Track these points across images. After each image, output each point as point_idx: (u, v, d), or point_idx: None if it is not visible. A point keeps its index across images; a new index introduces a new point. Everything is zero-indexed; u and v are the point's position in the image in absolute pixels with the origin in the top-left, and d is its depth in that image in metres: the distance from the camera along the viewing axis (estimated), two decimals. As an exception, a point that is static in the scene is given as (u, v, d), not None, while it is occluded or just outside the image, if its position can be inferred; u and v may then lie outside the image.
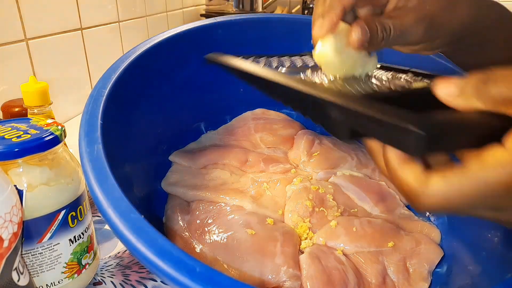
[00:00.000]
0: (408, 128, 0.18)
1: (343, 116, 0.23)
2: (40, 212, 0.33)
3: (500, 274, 0.33)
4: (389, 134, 0.20)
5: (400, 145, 0.20)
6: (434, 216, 0.47)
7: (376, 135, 0.22)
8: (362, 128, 0.22)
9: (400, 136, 0.19)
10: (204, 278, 0.22)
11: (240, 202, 0.44)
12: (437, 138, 0.19)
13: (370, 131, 0.22)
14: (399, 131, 0.19)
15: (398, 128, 0.19)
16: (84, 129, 0.32)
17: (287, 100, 0.29)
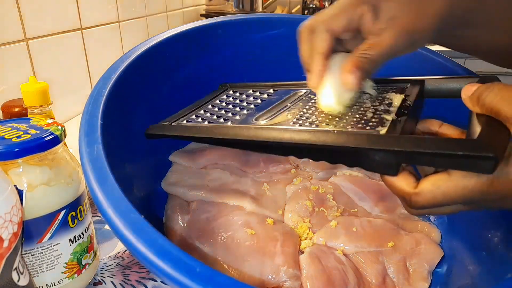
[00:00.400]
0: (482, 155, 0.22)
1: (392, 158, 0.26)
2: (40, 212, 0.33)
3: (500, 274, 0.33)
4: (455, 162, 0.24)
5: (470, 168, 0.24)
6: (434, 216, 0.47)
7: (435, 165, 0.25)
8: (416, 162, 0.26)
9: (471, 162, 0.23)
10: (204, 278, 0.22)
11: (240, 202, 0.44)
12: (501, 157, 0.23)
13: (428, 163, 0.25)
14: (470, 158, 0.23)
15: (468, 157, 0.23)
16: (84, 129, 0.32)
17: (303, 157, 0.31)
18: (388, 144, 0.25)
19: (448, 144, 0.24)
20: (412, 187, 0.26)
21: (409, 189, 0.26)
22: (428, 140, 0.24)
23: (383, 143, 0.25)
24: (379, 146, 0.25)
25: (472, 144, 0.23)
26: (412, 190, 0.26)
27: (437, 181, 0.25)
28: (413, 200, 0.26)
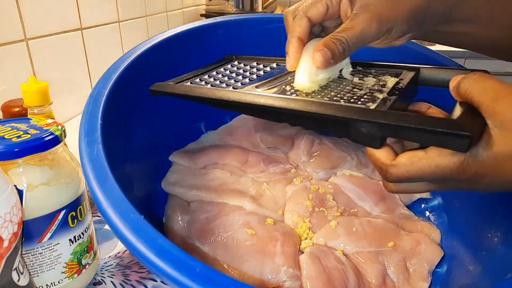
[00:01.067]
0: (459, 133, 0.24)
1: (377, 130, 0.27)
2: (40, 212, 0.33)
3: (500, 274, 0.33)
4: (433, 139, 0.26)
5: (446, 145, 0.26)
6: (435, 216, 0.47)
7: (416, 140, 0.27)
8: (400, 136, 0.27)
9: (448, 139, 0.25)
10: (204, 278, 0.22)
11: (240, 202, 0.44)
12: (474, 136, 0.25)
13: (410, 138, 0.27)
14: (447, 135, 0.25)
15: (446, 134, 0.25)
16: (84, 129, 0.32)
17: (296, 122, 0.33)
18: (374, 117, 0.27)
19: (429, 121, 0.25)
20: (390, 159, 0.28)
21: (387, 160, 0.28)
22: (411, 116, 0.26)
23: (370, 116, 0.27)
24: (366, 117, 0.27)
25: (451, 123, 0.25)
26: (389, 161, 0.28)
27: (413, 157, 0.27)
28: (388, 172, 0.28)
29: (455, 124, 0.25)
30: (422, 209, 0.49)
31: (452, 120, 0.25)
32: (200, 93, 0.35)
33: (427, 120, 0.26)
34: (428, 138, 0.26)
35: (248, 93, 0.34)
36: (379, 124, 0.27)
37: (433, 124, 0.25)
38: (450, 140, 0.25)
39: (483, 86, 0.26)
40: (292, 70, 0.35)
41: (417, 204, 0.49)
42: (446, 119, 0.26)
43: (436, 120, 0.25)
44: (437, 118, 0.26)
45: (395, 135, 0.27)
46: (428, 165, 0.26)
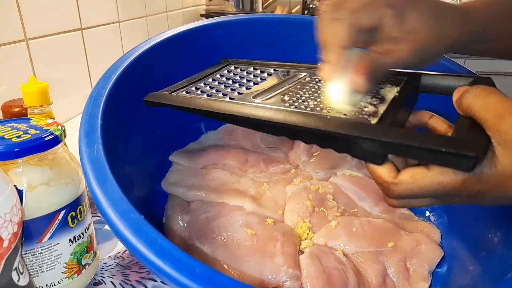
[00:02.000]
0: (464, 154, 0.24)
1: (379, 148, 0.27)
2: (40, 212, 0.33)
3: (500, 274, 0.33)
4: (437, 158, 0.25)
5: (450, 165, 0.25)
6: (435, 216, 0.47)
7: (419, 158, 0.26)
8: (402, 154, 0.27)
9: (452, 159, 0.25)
10: (204, 278, 0.22)
11: (240, 202, 0.44)
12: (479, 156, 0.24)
13: (413, 156, 0.26)
14: (451, 155, 0.24)
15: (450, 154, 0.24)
16: (84, 129, 0.32)
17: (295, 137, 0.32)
18: (376, 134, 0.26)
19: (433, 140, 0.25)
20: (392, 177, 0.28)
21: (388, 178, 0.28)
22: (415, 135, 0.26)
23: (372, 133, 0.27)
24: (368, 135, 0.26)
25: (456, 142, 0.24)
26: (391, 179, 0.28)
27: (415, 175, 0.27)
28: (390, 189, 0.28)
29: (459, 144, 0.24)
30: (422, 209, 0.49)
31: (456, 139, 0.25)
32: (196, 105, 0.34)
33: (430, 139, 0.25)
34: (432, 157, 0.25)
35: (246, 104, 0.33)
36: (381, 142, 0.26)
37: (437, 144, 0.25)
38: (454, 160, 0.24)
39: (486, 102, 0.26)
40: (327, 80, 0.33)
41: (417, 204, 0.49)
42: (450, 137, 0.25)
43: (440, 139, 0.25)
44: (441, 137, 0.26)
45: (397, 153, 0.27)
46: (430, 183, 0.26)
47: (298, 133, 0.31)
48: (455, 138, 0.25)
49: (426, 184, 0.26)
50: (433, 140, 0.25)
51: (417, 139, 0.25)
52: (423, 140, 0.25)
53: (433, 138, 0.25)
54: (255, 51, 0.53)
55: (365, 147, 0.28)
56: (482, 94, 0.26)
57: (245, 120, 0.32)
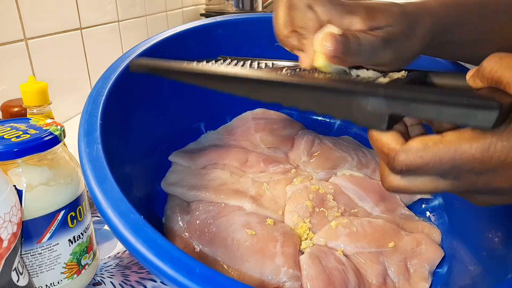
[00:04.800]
0: (485, 103, 0.20)
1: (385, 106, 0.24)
2: (39, 212, 0.33)
3: (501, 274, 0.33)
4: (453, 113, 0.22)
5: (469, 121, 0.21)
6: (435, 217, 0.47)
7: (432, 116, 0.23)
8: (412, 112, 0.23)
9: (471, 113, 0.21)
10: (204, 278, 0.22)
11: (240, 203, 0.44)
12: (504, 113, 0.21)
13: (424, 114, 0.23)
14: (470, 108, 0.21)
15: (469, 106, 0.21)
16: (83, 129, 0.32)
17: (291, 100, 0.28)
18: (382, 89, 0.24)
19: (447, 92, 0.22)
20: (400, 143, 0.24)
21: (396, 145, 0.24)
22: (426, 89, 0.23)
23: (377, 88, 0.24)
24: (374, 89, 0.24)
25: (477, 95, 0.21)
26: (399, 146, 0.24)
27: (428, 141, 0.23)
28: (397, 159, 0.24)
29: (481, 96, 0.21)
30: (422, 209, 0.49)
31: (475, 94, 0.22)
32: (182, 66, 0.31)
33: (444, 92, 0.22)
34: (447, 112, 0.22)
35: (238, 68, 0.30)
36: (388, 98, 0.23)
37: (452, 95, 0.21)
38: (473, 113, 0.21)
39: (511, 62, 0.22)
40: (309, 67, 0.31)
41: (417, 204, 0.49)
42: (468, 90, 0.22)
43: (456, 92, 0.22)
44: (457, 90, 0.22)
45: (407, 111, 0.23)
46: (445, 150, 0.22)
47: (293, 96, 0.28)
48: (474, 92, 0.22)
49: (440, 151, 0.22)
50: (448, 92, 0.22)
51: (430, 92, 0.22)
52: (436, 93, 0.22)
53: (448, 91, 0.22)
54: (255, 50, 0.53)
55: (369, 108, 0.24)
56: (506, 57, 0.23)
57: (235, 80, 0.29)
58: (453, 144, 0.22)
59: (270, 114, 0.60)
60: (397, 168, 0.24)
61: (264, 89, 0.28)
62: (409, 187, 0.25)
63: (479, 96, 0.21)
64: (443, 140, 0.23)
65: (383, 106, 0.24)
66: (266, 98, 0.29)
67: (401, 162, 0.24)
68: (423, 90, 0.22)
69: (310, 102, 0.27)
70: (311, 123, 0.61)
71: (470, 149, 0.22)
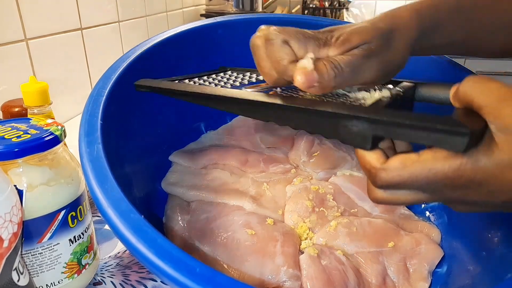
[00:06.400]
0: (456, 130, 0.22)
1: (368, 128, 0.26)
2: (40, 212, 0.33)
3: (500, 274, 0.33)
4: (428, 137, 0.24)
5: (442, 145, 0.24)
6: (435, 216, 0.47)
7: (410, 139, 0.25)
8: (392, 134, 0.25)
9: (444, 137, 0.23)
10: (204, 278, 0.22)
11: (240, 202, 0.44)
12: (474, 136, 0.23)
13: (403, 137, 0.25)
14: (443, 133, 0.23)
15: (442, 131, 0.23)
16: (84, 129, 0.32)
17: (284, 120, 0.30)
18: (366, 113, 0.26)
19: (423, 118, 0.24)
20: (381, 162, 0.26)
21: (377, 163, 0.26)
22: (406, 114, 0.25)
23: (362, 112, 0.26)
24: (357, 113, 0.26)
25: (449, 120, 0.23)
26: (379, 165, 0.26)
27: (406, 160, 0.25)
28: (378, 176, 0.26)
29: (453, 122, 0.23)
30: (422, 209, 0.49)
31: (449, 118, 0.24)
32: (185, 88, 0.34)
33: (421, 117, 0.24)
34: (423, 136, 0.24)
35: (235, 90, 0.32)
36: (370, 121, 0.25)
37: (429, 121, 0.23)
38: (446, 138, 0.23)
39: (485, 88, 0.24)
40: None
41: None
42: (442, 116, 0.24)
43: (432, 117, 0.24)
44: (433, 116, 0.24)
45: (388, 133, 0.26)
46: (421, 169, 0.24)
47: (285, 117, 0.30)
48: (449, 117, 0.24)
49: (416, 170, 0.25)
50: (425, 118, 0.24)
51: (408, 117, 0.24)
52: (413, 118, 0.24)
53: (425, 116, 0.24)
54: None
55: (354, 129, 0.26)
56: (482, 81, 0.24)
57: (233, 101, 0.31)
58: (428, 164, 0.24)
59: (270, 114, 0.60)
60: (378, 184, 0.26)
61: (259, 110, 0.31)
62: (392, 199, 0.27)
63: (452, 121, 0.23)
64: (420, 160, 0.25)
65: (366, 128, 0.26)
66: (262, 118, 0.32)
67: (381, 179, 0.26)
68: (401, 115, 0.24)
69: (302, 122, 0.29)
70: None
71: (443, 168, 0.24)
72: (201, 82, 0.38)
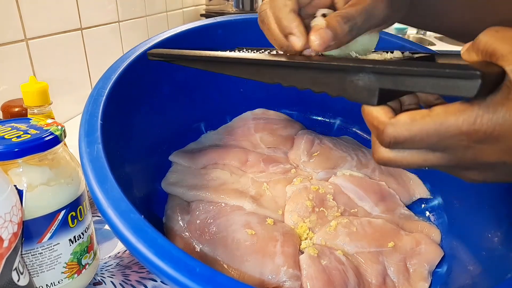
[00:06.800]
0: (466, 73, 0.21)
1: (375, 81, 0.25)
2: (40, 212, 0.33)
3: (500, 274, 0.33)
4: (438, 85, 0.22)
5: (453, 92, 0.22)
6: (435, 216, 0.47)
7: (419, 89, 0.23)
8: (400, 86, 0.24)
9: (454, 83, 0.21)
10: (204, 278, 0.22)
11: (240, 202, 0.44)
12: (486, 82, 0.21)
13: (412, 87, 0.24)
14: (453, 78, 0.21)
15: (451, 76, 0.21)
16: (84, 129, 0.32)
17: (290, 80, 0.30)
18: (371, 64, 0.25)
19: (432, 65, 0.23)
20: (389, 117, 0.25)
21: (384, 118, 0.25)
22: (412, 62, 0.24)
23: (367, 63, 0.25)
24: (362, 64, 0.25)
25: (458, 65, 0.22)
26: (387, 119, 0.25)
27: (415, 115, 0.24)
28: (385, 132, 0.24)
29: (461, 65, 0.22)
30: (422, 209, 0.49)
31: (460, 65, 0.22)
32: (193, 53, 0.34)
33: (429, 65, 0.23)
34: (432, 84, 0.22)
35: (242, 53, 0.33)
36: (376, 72, 0.24)
37: (436, 67, 0.22)
38: (456, 83, 0.21)
39: (506, 35, 0.22)
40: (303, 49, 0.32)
41: (417, 204, 0.49)
42: (452, 63, 0.23)
43: (441, 64, 0.22)
44: (443, 63, 0.23)
45: (395, 84, 0.24)
46: (432, 123, 0.23)
47: (291, 76, 0.30)
48: (459, 63, 0.23)
49: (427, 125, 0.23)
50: (433, 65, 0.23)
51: (415, 65, 0.23)
52: (421, 65, 0.23)
53: (433, 64, 0.23)
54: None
55: (361, 83, 0.26)
56: (501, 30, 0.23)
57: (239, 63, 0.31)
58: (440, 117, 0.22)
59: (270, 114, 0.60)
60: (385, 140, 0.25)
61: (266, 71, 0.31)
62: (398, 159, 0.26)
63: (462, 66, 0.21)
64: (431, 114, 0.23)
65: (372, 81, 0.25)
66: (268, 79, 0.31)
67: (389, 134, 0.24)
68: (408, 64, 0.23)
69: (307, 81, 0.29)
70: (311, 123, 0.61)
71: (456, 122, 0.22)
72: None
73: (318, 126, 0.61)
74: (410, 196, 0.49)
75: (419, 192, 0.49)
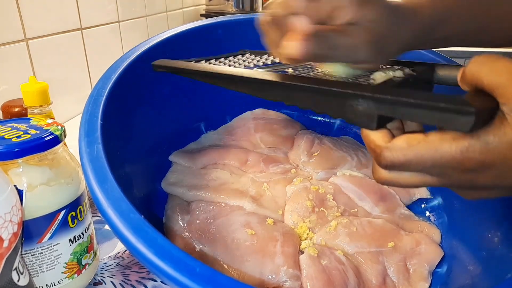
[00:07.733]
0: (461, 109, 0.21)
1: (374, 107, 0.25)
2: (40, 212, 0.33)
3: (500, 274, 0.33)
4: (434, 117, 0.23)
5: (448, 125, 0.23)
6: (435, 216, 0.47)
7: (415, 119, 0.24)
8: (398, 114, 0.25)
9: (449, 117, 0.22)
10: (204, 278, 0.22)
11: (240, 202, 0.44)
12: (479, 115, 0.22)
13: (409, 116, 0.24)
14: (448, 112, 0.22)
15: (447, 110, 0.22)
16: (84, 129, 0.32)
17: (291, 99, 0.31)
18: (370, 91, 0.25)
19: (429, 97, 0.23)
20: (386, 141, 0.25)
21: (381, 142, 0.26)
22: (411, 92, 0.24)
23: (367, 90, 0.26)
24: (362, 92, 0.25)
25: (454, 99, 0.22)
26: (384, 143, 0.25)
27: (411, 140, 0.24)
28: (382, 155, 0.25)
29: (457, 100, 0.22)
30: (422, 209, 0.49)
31: (456, 96, 0.23)
32: (200, 67, 0.35)
33: (426, 96, 0.23)
34: (427, 115, 0.23)
35: (246, 70, 0.33)
36: (375, 100, 0.25)
37: (432, 100, 0.23)
38: (451, 117, 0.22)
39: (495, 66, 0.23)
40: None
41: (417, 204, 0.49)
42: (450, 95, 0.23)
43: (438, 97, 0.23)
44: (440, 95, 0.23)
45: (393, 112, 0.25)
46: (427, 150, 0.23)
47: (293, 96, 0.30)
48: (456, 96, 0.23)
49: (422, 150, 0.24)
50: (430, 97, 0.23)
51: (412, 96, 0.23)
52: (418, 97, 0.23)
53: (431, 95, 0.23)
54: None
55: (360, 109, 0.26)
56: (489, 60, 0.23)
57: (242, 80, 0.32)
58: (435, 144, 0.23)
59: (270, 114, 0.60)
60: (383, 163, 0.25)
61: (269, 89, 0.31)
62: (395, 180, 0.26)
63: (458, 100, 0.22)
64: (426, 140, 0.24)
65: (372, 107, 0.25)
66: (271, 97, 0.32)
67: (386, 158, 0.25)
68: (406, 94, 0.24)
69: (309, 102, 0.29)
70: (311, 123, 0.61)
71: (450, 150, 0.23)
72: (217, 63, 0.38)
73: (318, 126, 0.61)
74: (410, 196, 0.49)
75: (419, 192, 0.49)
